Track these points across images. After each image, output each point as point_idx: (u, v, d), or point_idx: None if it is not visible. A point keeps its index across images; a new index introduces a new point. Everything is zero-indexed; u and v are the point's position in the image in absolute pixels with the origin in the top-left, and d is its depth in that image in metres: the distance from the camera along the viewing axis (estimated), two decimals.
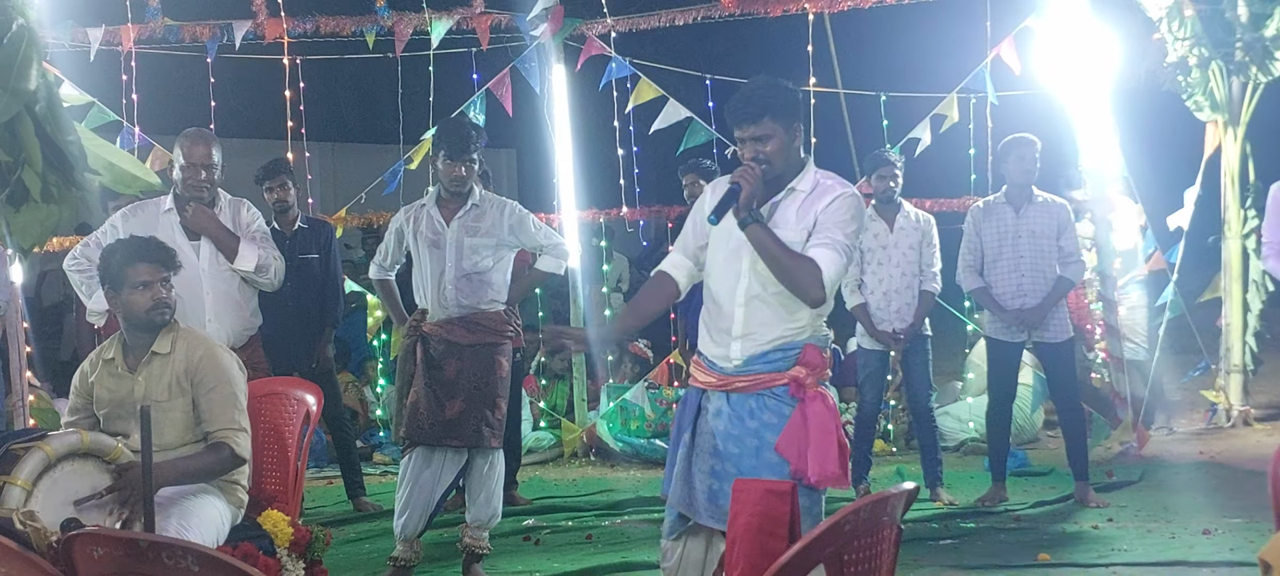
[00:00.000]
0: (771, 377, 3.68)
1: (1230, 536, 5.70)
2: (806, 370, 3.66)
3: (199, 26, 8.49)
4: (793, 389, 3.66)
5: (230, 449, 4.01)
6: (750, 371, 3.71)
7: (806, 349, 3.68)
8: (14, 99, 3.81)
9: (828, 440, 3.61)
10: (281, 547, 4.07)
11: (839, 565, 2.65)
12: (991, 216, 6.68)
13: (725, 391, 3.74)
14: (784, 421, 3.65)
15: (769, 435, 3.66)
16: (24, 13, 3.90)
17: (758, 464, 3.65)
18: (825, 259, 3.63)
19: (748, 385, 3.70)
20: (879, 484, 7.09)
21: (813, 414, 3.62)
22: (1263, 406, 8.94)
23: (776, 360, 3.69)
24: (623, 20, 8.57)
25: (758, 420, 3.68)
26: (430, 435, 5.30)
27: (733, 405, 3.72)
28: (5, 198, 4.03)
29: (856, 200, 3.74)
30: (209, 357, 4.06)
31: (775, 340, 3.70)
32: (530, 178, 14.45)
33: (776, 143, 3.72)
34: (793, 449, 3.62)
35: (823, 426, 3.61)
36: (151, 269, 4.02)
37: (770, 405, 3.68)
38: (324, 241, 7.10)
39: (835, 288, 3.70)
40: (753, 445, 3.67)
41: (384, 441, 8.80)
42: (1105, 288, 7.94)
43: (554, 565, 5.71)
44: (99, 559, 2.66)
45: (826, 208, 3.69)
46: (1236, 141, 8.43)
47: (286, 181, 7.01)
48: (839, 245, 3.65)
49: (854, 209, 3.72)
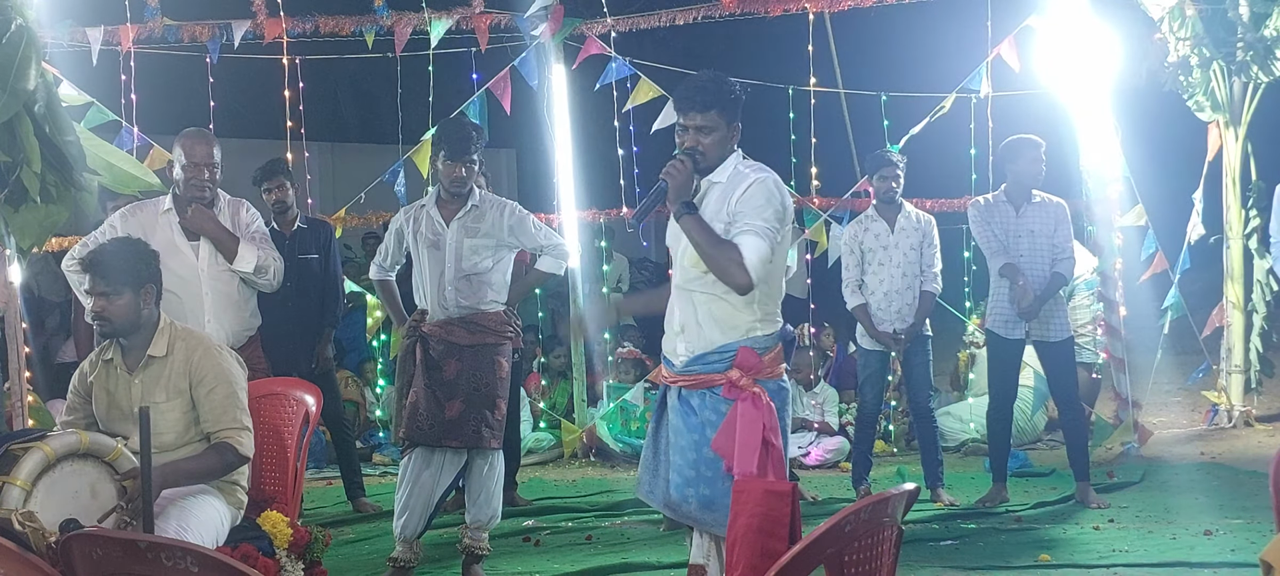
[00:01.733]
0: (710, 377, 3.79)
1: (1231, 537, 5.69)
2: (741, 372, 3.74)
3: (198, 26, 8.48)
4: (726, 389, 3.75)
5: (234, 449, 4.01)
6: (691, 371, 3.84)
7: (741, 350, 3.76)
8: (13, 99, 3.81)
9: (751, 440, 3.67)
10: (281, 548, 4.06)
11: (839, 565, 2.64)
12: (993, 214, 6.67)
13: (676, 387, 3.89)
14: (721, 420, 3.75)
15: (710, 432, 3.77)
16: (23, 13, 3.91)
17: (698, 458, 3.78)
18: (747, 244, 3.68)
19: (691, 383, 3.84)
20: (879, 484, 7.08)
21: (743, 414, 3.70)
22: (1274, 409, 8.92)
23: (715, 361, 3.80)
24: (622, 20, 8.57)
25: (701, 416, 3.80)
26: (430, 436, 5.29)
27: (682, 400, 3.86)
28: (4, 198, 4.03)
29: (770, 185, 3.78)
30: (207, 358, 4.05)
31: (714, 341, 3.81)
32: (530, 178, 14.44)
33: (717, 136, 3.84)
34: (724, 447, 3.71)
35: (750, 427, 3.69)
36: (92, 282, 3.99)
37: (710, 403, 3.79)
38: (323, 242, 7.09)
39: (761, 273, 3.71)
40: (695, 440, 3.79)
41: (384, 441, 8.80)
42: (1106, 287, 7.93)
43: (554, 566, 5.71)
44: (98, 559, 2.65)
45: (741, 195, 3.76)
46: (1238, 141, 8.43)
47: (285, 182, 7.00)
48: (759, 230, 3.70)
49: (768, 193, 3.75)
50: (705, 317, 3.81)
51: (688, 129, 3.85)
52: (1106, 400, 8.25)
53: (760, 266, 3.70)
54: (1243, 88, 8.35)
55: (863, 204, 7.71)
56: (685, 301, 3.87)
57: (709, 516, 3.77)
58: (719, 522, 3.72)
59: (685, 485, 3.79)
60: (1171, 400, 9.74)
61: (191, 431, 4.04)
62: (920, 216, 6.96)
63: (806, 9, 8.20)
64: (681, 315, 3.89)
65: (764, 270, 3.72)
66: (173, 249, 5.32)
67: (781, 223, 3.78)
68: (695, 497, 3.77)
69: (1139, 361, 8.40)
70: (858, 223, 7.06)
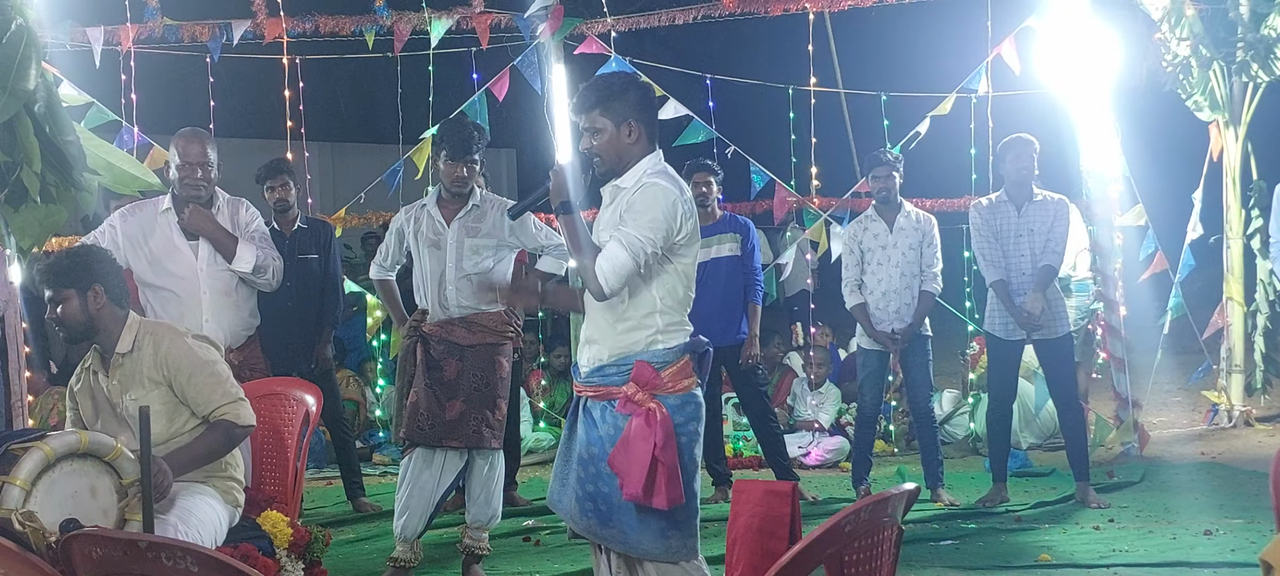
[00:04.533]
0: (608, 390, 3.64)
1: (1231, 537, 5.69)
2: (635, 386, 3.57)
3: (198, 26, 8.48)
4: (620, 404, 3.59)
5: (232, 422, 4.03)
6: (591, 383, 3.69)
7: (637, 364, 3.59)
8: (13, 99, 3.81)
9: (640, 459, 3.51)
10: (280, 548, 4.06)
11: (839, 565, 2.64)
12: (996, 215, 6.67)
13: (582, 396, 3.75)
14: (618, 434, 3.59)
15: (608, 446, 3.62)
16: (23, 13, 3.90)
17: (597, 472, 3.64)
18: (607, 252, 3.55)
19: (593, 394, 3.70)
20: (879, 484, 7.08)
21: (635, 430, 3.53)
22: (1275, 409, 8.91)
23: (613, 374, 3.63)
24: (623, 20, 8.57)
25: (600, 430, 3.65)
26: (430, 436, 5.30)
27: (586, 411, 3.72)
28: (4, 198, 4.02)
29: (664, 191, 3.59)
30: (174, 346, 4.07)
31: (611, 352, 3.65)
32: (530, 178, 14.45)
33: (605, 138, 3.68)
34: (619, 464, 3.56)
35: (640, 444, 3.52)
36: (43, 291, 4.06)
37: (609, 417, 3.64)
38: (324, 241, 7.09)
39: (620, 283, 3.55)
40: (595, 453, 3.65)
41: (384, 441, 8.79)
42: (1106, 287, 7.93)
43: (553, 566, 5.71)
44: (98, 559, 2.65)
45: (633, 197, 3.61)
46: (1238, 141, 8.43)
47: (287, 181, 7.00)
48: (627, 239, 3.53)
49: (654, 198, 3.57)
50: (604, 327, 3.66)
51: (584, 132, 3.73)
52: (1106, 400, 8.24)
53: (615, 276, 3.53)
54: (1243, 87, 8.35)
55: (863, 204, 7.70)
56: (590, 309, 3.71)
57: (607, 532, 3.64)
58: (617, 539, 3.62)
59: (584, 498, 3.66)
60: (1171, 400, 9.73)
61: (178, 421, 4.05)
62: (920, 216, 6.96)
63: (806, 9, 8.20)
64: (588, 324, 3.73)
65: (622, 280, 3.55)
66: (171, 248, 5.32)
67: (660, 233, 3.56)
68: (593, 512, 3.64)
69: (1139, 361, 8.39)
70: (857, 222, 7.07)
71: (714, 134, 8.47)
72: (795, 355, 9.44)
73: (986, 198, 6.85)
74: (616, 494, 3.57)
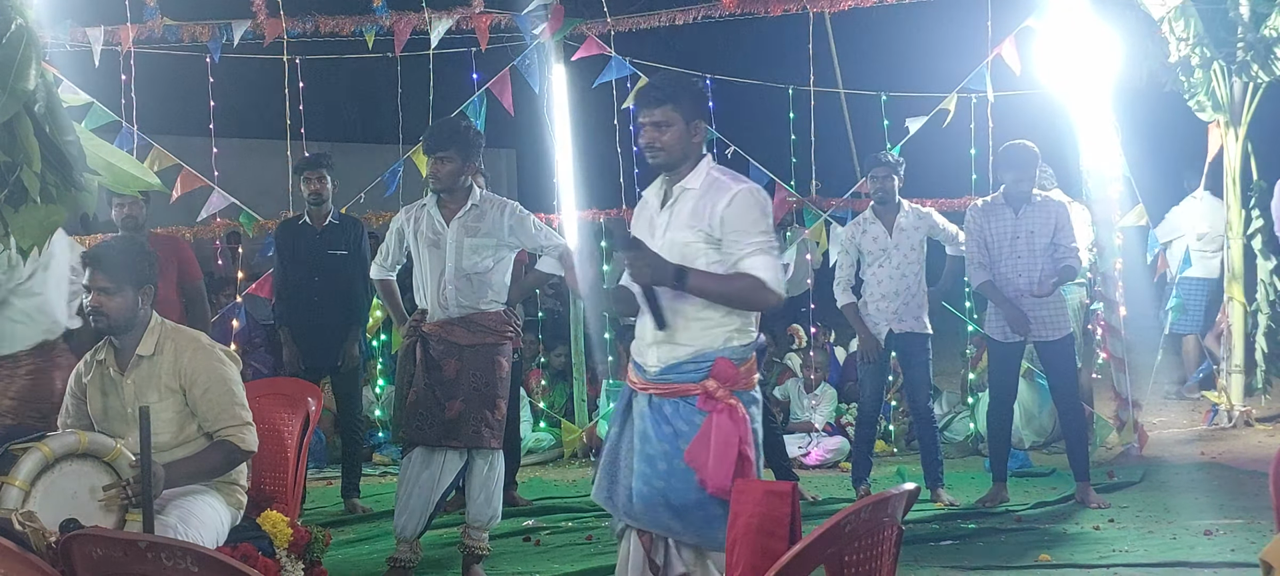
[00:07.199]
0: (685, 387, 3.73)
1: (1231, 537, 5.69)
2: (717, 383, 3.70)
3: (198, 26, 8.47)
4: (701, 401, 3.70)
5: (236, 445, 4.02)
6: (665, 380, 3.77)
7: (718, 361, 3.71)
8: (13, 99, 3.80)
9: (727, 454, 3.63)
10: (281, 548, 4.06)
11: (839, 565, 2.64)
12: (992, 217, 6.67)
13: (647, 394, 3.82)
14: (695, 430, 3.69)
15: (682, 442, 3.71)
16: (22, 13, 3.89)
17: (670, 469, 3.72)
18: (759, 265, 3.67)
19: (663, 392, 3.77)
20: (879, 484, 7.08)
21: (717, 426, 3.66)
22: (1275, 410, 8.91)
23: (689, 371, 3.74)
24: (622, 20, 8.56)
25: (673, 426, 3.74)
26: (430, 435, 5.30)
27: (654, 408, 3.79)
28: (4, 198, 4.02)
29: (754, 194, 3.75)
30: (196, 358, 4.04)
31: (690, 350, 3.75)
32: (530, 178, 14.44)
33: (673, 132, 3.79)
34: (698, 459, 3.66)
35: (725, 439, 3.64)
36: (93, 276, 4.01)
37: (684, 413, 3.73)
38: (354, 238, 7.06)
39: (781, 282, 3.71)
40: (666, 449, 3.73)
41: (384, 441, 8.79)
42: (1106, 287, 7.93)
43: (554, 566, 5.71)
44: (98, 559, 2.65)
45: (729, 210, 3.71)
46: (1238, 141, 8.43)
47: (324, 175, 7.02)
48: (763, 246, 3.69)
49: (756, 202, 3.73)
50: (683, 326, 3.76)
51: (646, 125, 3.82)
52: (1106, 400, 8.24)
53: (777, 279, 3.69)
54: (1243, 88, 8.35)
55: (863, 204, 7.70)
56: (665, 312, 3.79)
57: (680, 525, 3.72)
58: (691, 532, 3.71)
59: (653, 494, 3.73)
60: (1171, 400, 9.73)
61: (187, 430, 4.04)
62: (919, 211, 6.98)
63: (806, 9, 8.19)
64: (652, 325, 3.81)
65: (783, 280, 3.73)
66: None
67: (771, 229, 3.75)
68: (663, 507, 3.72)
69: (1139, 361, 8.39)
70: (856, 224, 7.07)
71: (714, 134, 8.46)
72: (794, 356, 9.44)
73: (984, 199, 6.86)
74: (693, 488, 3.67)
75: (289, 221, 7.27)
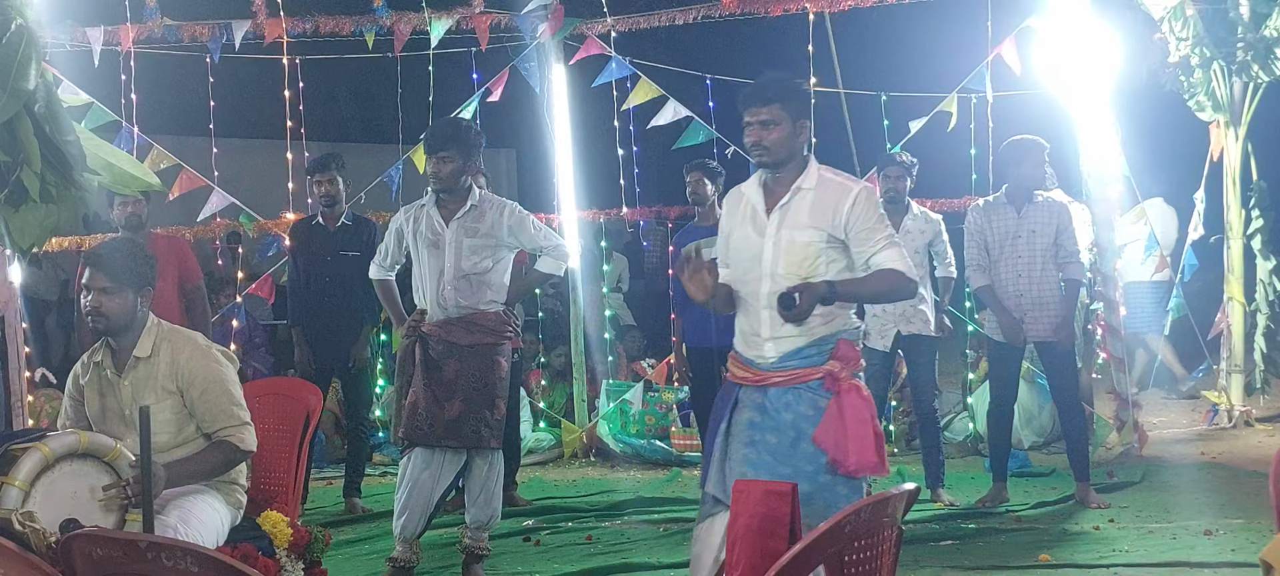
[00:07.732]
0: (806, 372, 3.84)
1: (1231, 537, 5.69)
2: (840, 364, 3.82)
3: (198, 26, 8.47)
4: (827, 382, 3.81)
5: (234, 445, 4.01)
6: (785, 367, 3.87)
7: (840, 343, 3.85)
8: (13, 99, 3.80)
9: (865, 430, 3.76)
10: (281, 548, 4.06)
11: (839, 566, 2.64)
12: (993, 216, 6.66)
13: (762, 386, 3.88)
14: (819, 414, 3.79)
15: (805, 426, 3.80)
16: (22, 13, 3.89)
17: (794, 454, 3.80)
18: (893, 258, 3.84)
19: (784, 380, 3.86)
20: (880, 484, 7.06)
21: (849, 405, 3.78)
22: (1275, 410, 8.91)
23: (811, 355, 3.85)
24: (622, 20, 8.56)
25: (793, 412, 3.83)
26: (429, 436, 5.29)
27: (769, 399, 3.87)
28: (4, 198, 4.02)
29: (871, 192, 3.93)
30: (193, 359, 4.04)
31: (808, 336, 3.85)
32: (530, 178, 14.43)
33: (780, 131, 3.90)
34: (830, 439, 3.76)
35: (859, 417, 3.76)
36: (93, 276, 3.99)
37: (806, 398, 3.83)
38: (366, 239, 7.04)
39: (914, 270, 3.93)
40: (790, 437, 3.81)
41: (383, 441, 8.79)
42: (1106, 287, 7.92)
43: (554, 566, 5.71)
44: (98, 559, 2.65)
45: (853, 210, 3.86)
46: (1238, 141, 8.43)
47: (336, 177, 7.02)
48: (892, 238, 3.88)
49: (874, 200, 3.92)
50: None
51: (752, 124, 3.92)
52: (1106, 400, 8.24)
53: (910, 267, 3.88)
54: (1243, 88, 8.34)
55: None
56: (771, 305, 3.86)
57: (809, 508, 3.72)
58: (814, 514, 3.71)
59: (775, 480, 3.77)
60: (1171, 400, 9.73)
61: (186, 430, 4.04)
62: (928, 216, 6.98)
63: (806, 9, 8.19)
64: (772, 320, 3.87)
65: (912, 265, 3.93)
66: None
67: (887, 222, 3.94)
68: None
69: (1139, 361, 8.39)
70: None
71: (714, 134, 8.47)
72: None
73: (985, 199, 6.85)
74: (821, 470, 3.77)
75: (302, 222, 7.27)
